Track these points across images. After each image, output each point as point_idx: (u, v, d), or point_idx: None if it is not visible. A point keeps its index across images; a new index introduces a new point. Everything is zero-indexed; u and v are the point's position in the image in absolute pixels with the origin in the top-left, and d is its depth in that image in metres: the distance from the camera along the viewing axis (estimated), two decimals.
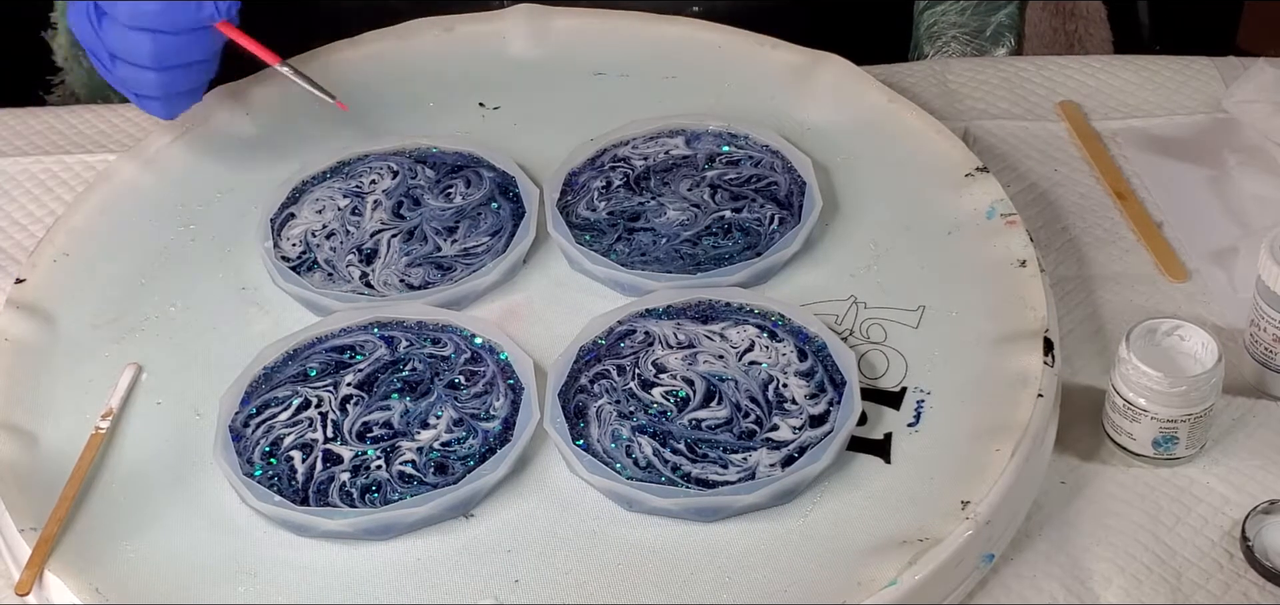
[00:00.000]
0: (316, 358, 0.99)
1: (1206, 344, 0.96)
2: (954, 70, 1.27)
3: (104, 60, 1.05)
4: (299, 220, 1.09)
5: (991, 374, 0.97)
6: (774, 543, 0.90)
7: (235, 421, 0.96)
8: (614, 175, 1.11)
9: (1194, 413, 0.96)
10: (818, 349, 0.98)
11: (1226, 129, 1.20)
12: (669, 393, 0.96)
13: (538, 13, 1.24)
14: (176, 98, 1.06)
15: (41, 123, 1.25)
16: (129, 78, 1.05)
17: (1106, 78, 1.26)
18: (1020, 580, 0.93)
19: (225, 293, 1.06)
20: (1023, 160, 1.19)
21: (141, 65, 1.04)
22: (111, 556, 0.91)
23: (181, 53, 1.04)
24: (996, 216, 1.06)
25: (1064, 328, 1.05)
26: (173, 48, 1.03)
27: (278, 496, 0.92)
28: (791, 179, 1.09)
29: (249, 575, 0.90)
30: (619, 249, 1.06)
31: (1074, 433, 1.00)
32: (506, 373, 0.98)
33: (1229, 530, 0.95)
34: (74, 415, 0.98)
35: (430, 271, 1.05)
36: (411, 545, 0.91)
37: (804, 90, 1.18)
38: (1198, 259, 1.11)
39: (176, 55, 1.04)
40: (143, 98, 1.06)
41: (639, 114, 1.16)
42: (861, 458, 0.94)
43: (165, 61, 1.03)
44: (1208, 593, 0.92)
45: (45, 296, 1.05)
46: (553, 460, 0.95)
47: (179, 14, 1.03)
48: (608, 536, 0.91)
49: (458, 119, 1.17)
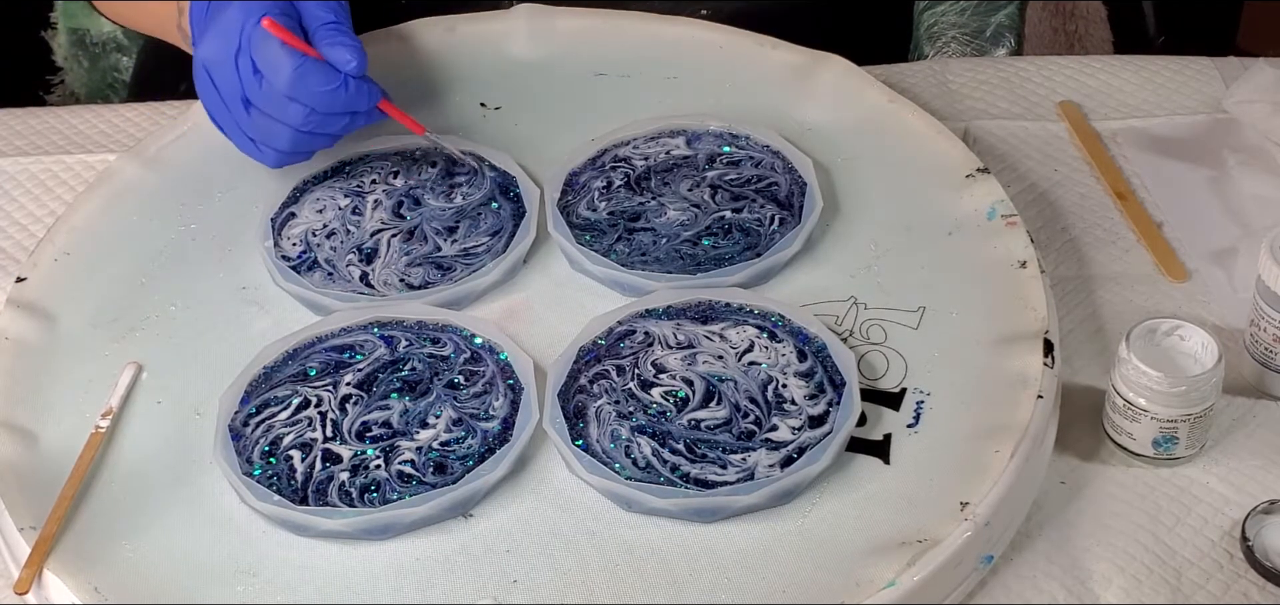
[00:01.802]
0: (316, 357, 0.99)
1: (1206, 344, 0.96)
2: (954, 70, 1.27)
3: (234, 106, 1.04)
4: (299, 220, 1.09)
5: (991, 375, 0.97)
6: (773, 543, 0.90)
7: (235, 421, 0.96)
8: (614, 175, 1.11)
9: (1194, 413, 0.96)
10: (817, 350, 0.98)
11: (1226, 129, 1.20)
12: (668, 393, 0.96)
13: (539, 13, 1.24)
14: (295, 156, 1.06)
15: (41, 123, 1.25)
16: (262, 128, 1.04)
17: (1106, 78, 1.26)
18: (1020, 580, 0.92)
19: (225, 293, 1.06)
20: (1023, 160, 1.19)
21: (283, 123, 1.03)
22: (111, 556, 0.91)
23: (325, 125, 1.04)
24: (997, 217, 1.06)
25: (1064, 328, 1.05)
26: (323, 121, 1.03)
27: (277, 496, 0.92)
28: (792, 179, 1.09)
29: (248, 574, 0.90)
30: (619, 249, 1.06)
31: (1074, 433, 0.99)
32: (506, 373, 0.98)
33: (1229, 530, 0.95)
34: (74, 415, 0.98)
35: (430, 271, 1.05)
36: (410, 545, 0.91)
37: (804, 91, 1.18)
38: (1198, 259, 1.11)
39: (320, 125, 1.04)
40: (262, 147, 1.05)
41: (640, 114, 1.16)
42: (861, 458, 0.94)
43: (310, 128, 1.03)
44: (1208, 593, 0.92)
45: (45, 296, 1.05)
46: (552, 460, 0.95)
47: (343, 98, 1.03)
48: (606, 537, 0.91)
49: (458, 119, 1.17)
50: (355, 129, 1.06)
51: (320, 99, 1.02)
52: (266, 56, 1.01)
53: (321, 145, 1.07)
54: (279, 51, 1.01)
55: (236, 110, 1.04)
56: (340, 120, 1.05)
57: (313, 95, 1.02)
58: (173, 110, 1.25)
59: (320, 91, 1.02)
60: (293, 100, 1.02)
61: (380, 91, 1.06)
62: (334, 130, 1.05)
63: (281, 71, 1.01)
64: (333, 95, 1.02)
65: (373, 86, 1.05)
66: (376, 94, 1.05)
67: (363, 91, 1.04)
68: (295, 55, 1.01)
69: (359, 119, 1.06)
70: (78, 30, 1.43)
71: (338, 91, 1.03)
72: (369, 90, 1.05)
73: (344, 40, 1.03)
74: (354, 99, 1.04)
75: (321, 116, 1.03)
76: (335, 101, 1.03)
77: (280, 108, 1.02)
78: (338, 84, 1.02)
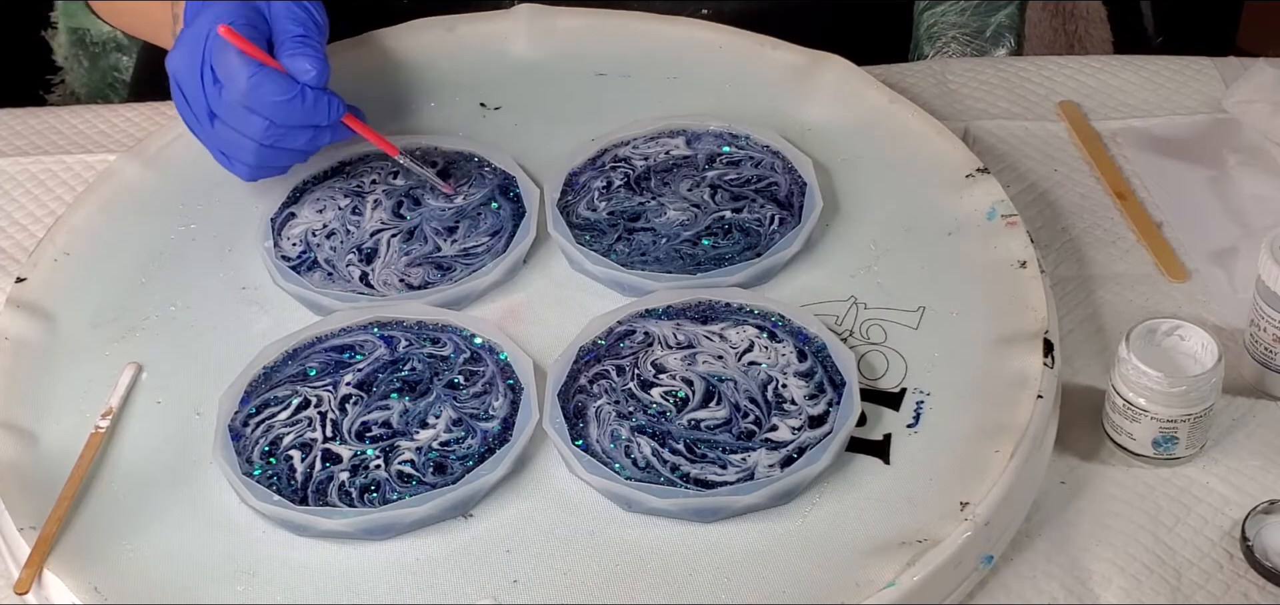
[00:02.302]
0: (316, 357, 0.99)
1: (1206, 344, 0.96)
2: (954, 70, 1.27)
3: (201, 117, 1.03)
4: (299, 220, 1.09)
5: (991, 375, 0.97)
6: (773, 543, 0.90)
7: (235, 421, 0.96)
8: (614, 175, 1.11)
9: (1194, 413, 0.96)
10: (817, 349, 0.98)
11: (1226, 129, 1.20)
12: (668, 393, 0.96)
13: (539, 13, 1.24)
14: (265, 170, 1.05)
15: (41, 123, 1.25)
16: (228, 141, 1.03)
17: (1106, 78, 1.26)
18: (1020, 580, 0.92)
19: (225, 293, 1.06)
20: (1023, 160, 1.19)
21: (245, 136, 1.02)
22: (111, 555, 0.91)
23: (286, 138, 1.02)
24: (997, 217, 1.06)
25: (1064, 328, 1.05)
26: (284, 134, 1.02)
27: (277, 496, 0.92)
28: (792, 179, 1.09)
29: (248, 574, 0.90)
30: (619, 249, 1.06)
31: (1074, 433, 0.99)
32: (506, 373, 0.98)
33: (1229, 530, 0.95)
34: (74, 415, 0.98)
35: (430, 271, 1.05)
36: (410, 545, 0.91)
37: (804, 91, 1.18)
38: (1198, 259, 1.11)
39: (284, 139, 1.02)
40: (231, 161, 1.05)
41: (640, 114, 1.16)
42: (861, 458, 0.94)
43: (271, 141, 1.02)
44: (1208, 593, 0.92)
45: (45, 296, 1.05)
46: (552, 460, 0.95)
47: (299, 110, 1.01)
48: (606, 537, 0.91)
49: (458, 119, 1.17)
50: (321, 145, 1.05)
51: (277, 110, 1.01)
52: (224, 66, 1.00)
53: (289, 161, 1.05)
54: (235, 60, 1.00)
55: (205, 123, 1.03)
56: (302, 133, 1.03)
57: (269, 106, 1.00)
58: (173, 110, 1.24)
59: (276, 101, 1.00)
60: (251, 111, 1.01)
61: (343, 105, 1.04)
62: (297, 145, 1.03)
63: (237, 80, 1.00)
64: (289, 106, 1.01)
65: (335, 100, 1.03)
66: (339, 108, 1.03)
67: (322, 104, 1.02)
68: (251, 64, 1.00)
69: (323, 134, 1.04)
70: (78, 30, 1.44)
71: (294, 102, 1.01)
72: (330, 103, 1.03)
73: (306, 51, 1.02)
74: (312, 111, 1.02)
75: (281, 129, 1.01)
76: (292, 113, 1.01)
77: (240, 119, 1.01)
78: (293, 94, 1.01)
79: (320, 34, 1.04)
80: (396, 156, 1.09)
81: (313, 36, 1.03)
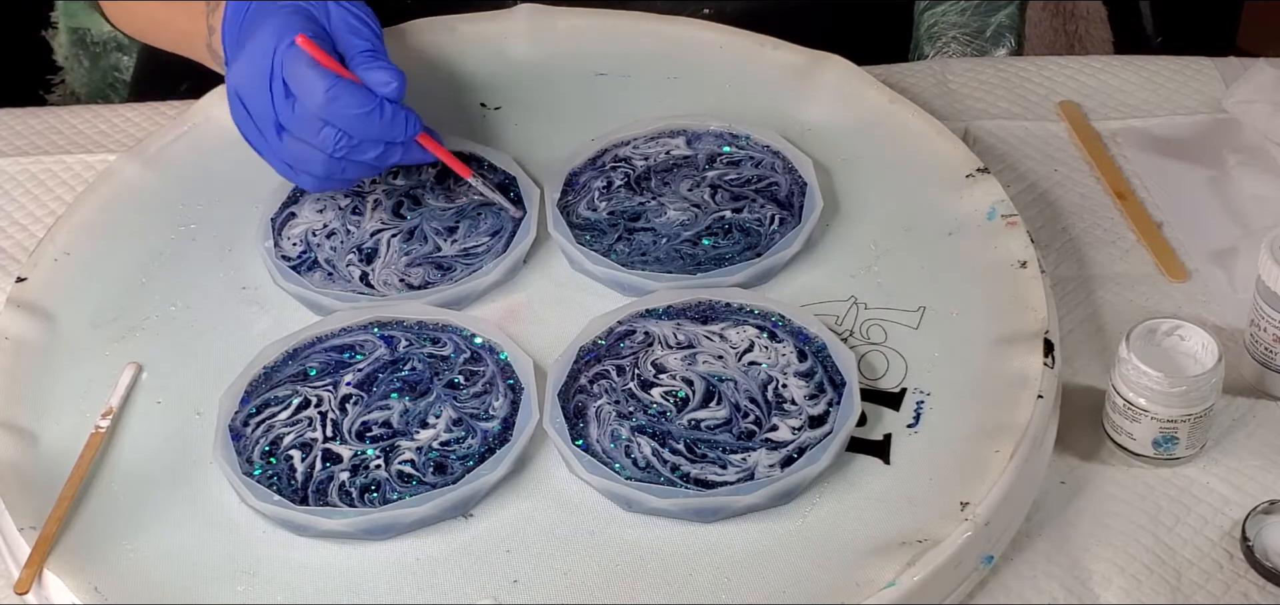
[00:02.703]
0: (316, 357, 0.99)
1: (1206, 344, 0.96)
2: (954, 70, 1.27)
3: (267, 130, 1.02)
4: (299, 219, 1.09)
5: (991, 375, 0.97)
6: (773, 543, 0.90)
7: (235, 421, 0.96)
8: (615, 175, 1.11)
9: (1194, 413, 0.96)
10: (817, 349, 0.98)
11: (1226, 129, 1.20)
12: (668, 393, 0.96)
13: (539, 13, 1.24)
14: (333, 182, 1.03)
15: (41, 123, 1.25)
16: (296, 154, 1.02)
17: (1106, 78, 1.26)
18: (1020, 580, 0.92)
19: (225, 293, 1.06)
20: (1023, 160, 1.19)
21: (316, 148, 1.00)
22: (111, 555, 0.91)
23: (357, 151, 1.01)
24: (997, 217, 1.06)
25: (1064, 328, 1.05)
26: (356, 147, 1.01)
27: (277, 496, 0.92)
28: (792, 179, 1.09)
29: (248, 574, 0.90)
30: (619, 249, 1.06)
31: (1074, 433, 0.99)
32: (506, 373, 0.98)
33: (1229, 530, 0.95)
34: (74, 415, 0.98)
35: (430, 271, 1.05)
36: (410, 545, 0.91)
37: (805, 90, 1.18)
38: (1198, 259, 1.11)
39: (355, 152, 1.01)
40: (298, 173, 1.03)
41: (640, 114, 1.16)
42: (861, 458, 0.94)
43: (343, 153, 1.00)
44: (1208, 593, 0.92)
45: (45, 296, 1.05)
46: (552, 460, 0.95)
47: (377, 124, 1.00)
48: (607, 537, 0.91)
49: (458, 119, 1.17)
50: (391, 162, 1.03)
51: (354, 122, 0.99)
52: (299, 78, 0.99)
53: (357, 173, 1.03)
54: (312, 72, 0.99)
55: (270, 136, 1.02)
56: (373, 148, 1.01)
57: (347, 118, 0.99)
58: (173, 110, 1.25)
59: (354, 114, 0.99)
60: (326, 124, 0.99)
61: (420, 123, 1.03)
62: (366, 158, 1.02)
63: (315, 92, 0.99)
64: (367, 119, 1.00)
65: (412, 116, 1.02)
66: (415, 125, 1.02)
67: (400, 118, 1.01)
68: (329, 75, 0.99)
69: (394, 151, 1.02)
70: (78, 30, 1.43)
71: (372, 115, 1.00)
72: (407, 119, 1.02)
73: (381, 64, 1.01)
74: (389, 126, 1.01)
75: (354, 143, 1.00)
76: (370, 126, 1.00)
77: (313, 131, 1.00)
78: (372, 107, 1.00)
79: (385, 50, 1.03)
80: (469, 179, 1.07)
81: (381, 51, 1.02)
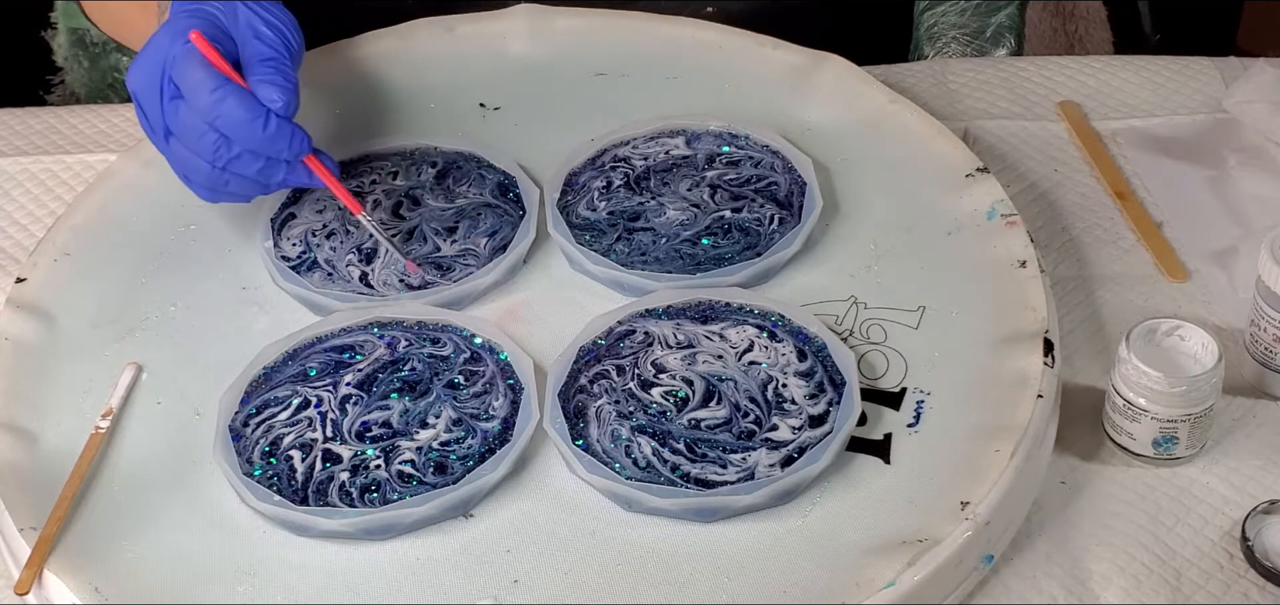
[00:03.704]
0: (316, 357, 0.99)
1: (1206, 344, 0.96)
2: (954, 70, 1.27)
3: (158, 133, 1.00)
4: (299, 220, 1.09)
5: (991, 374, 0.97)
6: (773, 543, 0.90)
7: (235, 421, 0.96)
8: (614, 175, 1.11)
9: (1194, 413, 0.96)
10: (817, 349, 0.98)
11: (1226, 129, 1.20)
12: (668, 393, 0.96)
13: (539, 13, 1.24)
14: (224, 194, 1.01)
15: (41, 123, 1.25)
16: (183, 162, 0.99)
17: (1106, 78, 1.26)
18: (1020, 580, 0.92)
19: (225, 293, 1.06)
20: (1023, 160, 1.19)
21: (198, 155, 0.97)
22: (111, 556, 0.91)
23: (240, 164, 0.98)
24: (997, 217, 1.06)
25: (1064, 328, 1.05)
26: (237, 159, 0.98)
27: (277, 496, 0.92)
28: (792, 179, 1.09)
29: (248, 575, 0.90)
30: (619, 249, 1.06)
31: (1074, 433, 0.99)
32: (506, 373, 0.98)
33: (1229, 530, 0.95)
34: (74, 415, 0.98)
35: (430, 271, 1.05)
36: (411, 545, 0.91)
37: (804, 90, 1.18)
38: (1198, 259, 1.11)
39: (236, 163, 0.98)
40: (191, 181, 1.01)
41: (639, 114, 1.16)
42: (861, 458, 0.94)
43: (222, 163, 0.98)
44: (1208, 593, 0.92)
45: (45, 296, 1.05)
46: (552, 460, 0.95)
47: (260, 135, 0.96)
48: (607, 537, 0.91)
49: (458, 119, 1.17)
50: (278, 182, 0.99)
51: (236, 128, 0.96)
52: (188, 76, 0.96)
53: (243, 188, 1.00)
54: (202, 71, 0.95)
55: (159, 142, 1.00)
56: (255, 161, 0.97)
57: (229, 123, 0.95)
58: None
59: (237, 119, 0.95)
60: (209, 128, 0.96)
61: (308, 144, 0.99)
62: (247, 171, 0.98)
63: (201, 93, 0.95)
64: (250, 127, 0.96)
65: (299, 135, 0.98)
66: (302, 144, 0.98)
67: (284, 134, 0.97)
68: (217, 77, 0.95)
69: (278, 167, 0.98)
70: (78, 30, 1.43)
71: (256, 124, 0.96)
72: (292, 136, 0.97)
73: (278, 80, 0.97)
74: (273, 140, 0.97)
75: (234, 152, 0.97)
76: (252, 136, 0.96)
77: (195, 136, 0.97)
78: (258, 116, 0.96)
79: (292, 61, 1.00)
80: (360, 216, 1.04)
81: (284, 60, 0.99)
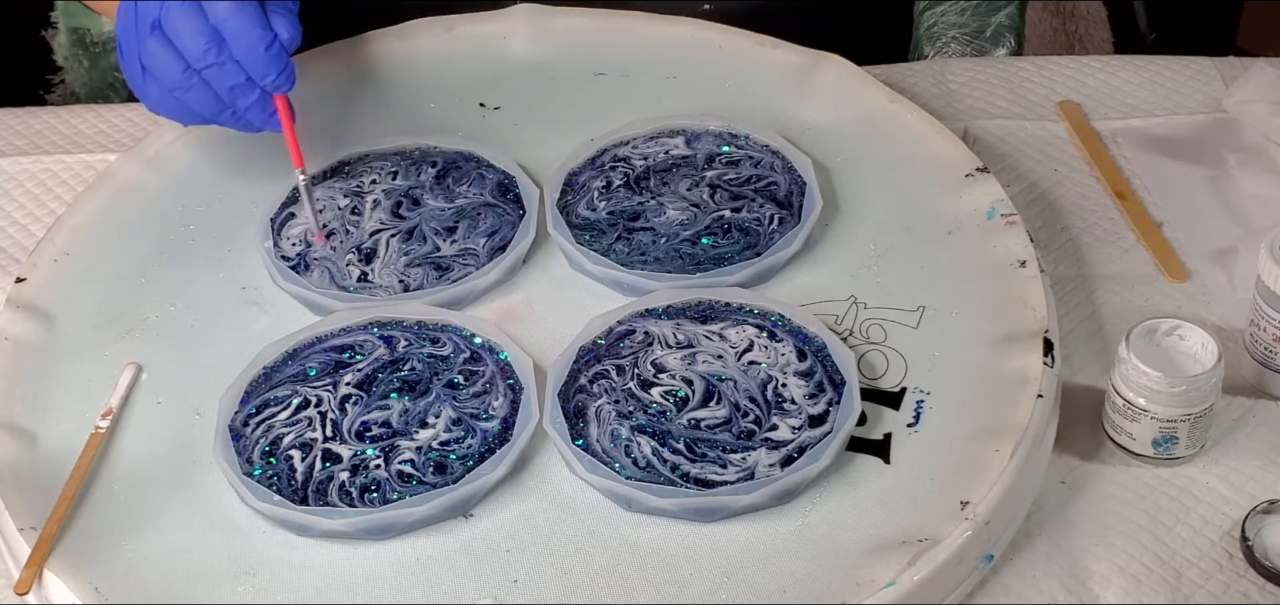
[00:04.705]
0: (316, 357, 0.99)
1: (1206, 344, 0.96)
2: (954, 70, 1.27)
3: (143, 22, 1.00)
4: (299, 220, 1.09)
5: (991, 374, 0.97)
6: (773, 543, 0.90)
7: (235, 421, 0.96)
8: (614, 175, 1.11)
9: (1194, 413, 0.96)
10: (817, 349, 0.98)
11: (1226, 129, 1.20)
12: (668, 392, 0.96)
13: (539, 13, 1.24)
14: (171, 107, 1.03)
15: (41, 123, 1.25)
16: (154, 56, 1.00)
17: (1106, 78, 1.26)
18: (1020, 580, 0.92)
19: (225, 293, 1.06)
20: (1023, 160, 1.19)
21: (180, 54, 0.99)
22: (111, 556, 0.91)
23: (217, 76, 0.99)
24: (996, 217, 1.06)
25: (1064, 328, 1.05)
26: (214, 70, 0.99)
27: (277, 496, 0.92)
28: (791, 179, 1.09)
29: (248, 575, 0.90)
30: (619, 249, 1.06)
31: (1074, 433, 0.99)
32: (506, 373, 0.98)
33: (1229, 530, 0.95)
34: (74, 415, 0.98)
35: (429, 271, 1.05)
36: (411, 545, 0.91)
37: (804, 90, 1.18)
38: (1198, 259, 1.11)
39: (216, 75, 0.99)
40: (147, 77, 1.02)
41: (639, 114, 1.16)
42: (861, 458, 0.94)
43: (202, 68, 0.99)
44: (1208, 593, 0.92)
45: (45, 296, 1.05)
46: (552, 460, 0.95)
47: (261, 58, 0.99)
48: (607, 536, 0.91)
49: (458, 119, 1.17)
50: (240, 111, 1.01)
51: (239, 37, 0.98)
52: None
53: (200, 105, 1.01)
54: None
55: (143, 27, 1.00)
56: (235, 75, 0.99)
57: (236, 29, 0.98)
58: None
59: (245, 29, 0.98)
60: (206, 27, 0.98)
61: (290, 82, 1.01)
62: (221, 86, 0.99)
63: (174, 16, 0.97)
64: (254, 41, 0.98)
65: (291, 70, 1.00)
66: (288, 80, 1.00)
67: (279, 62, 0.99)
68: None
69: (251, 91, 1.00)
70: (78, 30, 1.43)
71: (261, 41, 0.98)
72: (284, 67, 1.00)
73: (288, 16, 0.99)
74: (267, 63, 0.99)
75: (222, 61, 0.98)
76: (250, 50, 0.98)
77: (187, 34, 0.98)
78: (267, 35, 0.98)
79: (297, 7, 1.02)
80: (299, 171, 1.05)
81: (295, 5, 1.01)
